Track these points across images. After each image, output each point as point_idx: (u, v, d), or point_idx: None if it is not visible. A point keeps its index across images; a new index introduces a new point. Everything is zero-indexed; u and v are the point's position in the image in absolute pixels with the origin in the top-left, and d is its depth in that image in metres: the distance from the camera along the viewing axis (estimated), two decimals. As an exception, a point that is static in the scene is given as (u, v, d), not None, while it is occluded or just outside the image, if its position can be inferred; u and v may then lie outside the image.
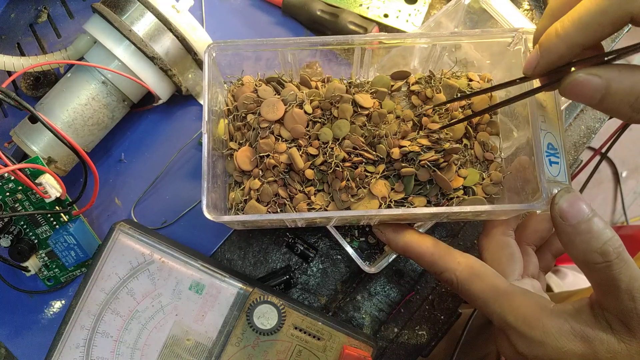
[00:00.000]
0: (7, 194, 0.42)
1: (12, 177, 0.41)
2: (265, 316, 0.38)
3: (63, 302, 0.46)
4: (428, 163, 0.35)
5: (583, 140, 0.48)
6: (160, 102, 0.45)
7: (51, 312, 0.45)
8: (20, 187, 0.42)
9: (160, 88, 0.44)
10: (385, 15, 0.46)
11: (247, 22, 0.49)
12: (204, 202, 0.34)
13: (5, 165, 0.36)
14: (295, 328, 0.39)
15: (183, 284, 0.39)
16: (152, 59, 0.41)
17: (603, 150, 0.45)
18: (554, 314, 0.31)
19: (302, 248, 0.45)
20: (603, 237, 0.29)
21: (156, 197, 0.46)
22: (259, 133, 0.38)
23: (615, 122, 0.38)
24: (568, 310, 0.31)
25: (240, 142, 0.38)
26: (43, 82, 0.46)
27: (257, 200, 0.37)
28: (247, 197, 0.37)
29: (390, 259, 0.42)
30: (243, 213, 0.37)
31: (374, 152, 0.37)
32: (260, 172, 0.37)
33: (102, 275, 0.39)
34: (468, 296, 0.34)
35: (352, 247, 0.42)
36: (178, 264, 0.40)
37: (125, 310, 0.39)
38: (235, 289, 0.40)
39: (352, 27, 0.45)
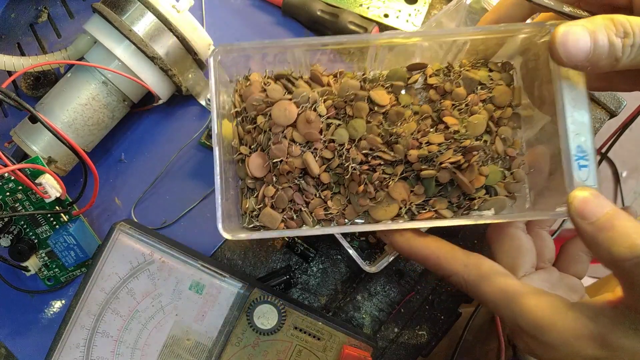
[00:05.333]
0: (7, 194, 0.42)
1: (12, 177, 0.41)
2: (265, 316, 0.38)
3: (63, 302, 0.46)
4: (449, 164, 0.33)
5: (583, 140, 0.48)
6: (160, 102, 0.45)
7: (51, 312, 0.45)
8: (20, 187, 0.42)
9: (160, 88, 0.44)
10: (386, 15, 0.46)
11: (247, 22, 0.49)
12: (219, 219, 0.31)
13: (5, 165, 0.36)
14: (295, 328, 0.39)
15: (183, 283, 0.39)
16: (152, 59, 0.41)
17: (603, 150, 0.45)
18: (570, 316, 0.28)
19: (302, 248, 0.45)
20: (629, 231, 0.26)
21: (156, 197, 0.46)
22: (270, 137, 0.35)
23: (616, 122, 0.38)
24: (586, 312, 0.28)
25: (252, 146, 0.36)
26: (43, 82, 0.46)
27: (272, 206, 0.35)
28: (262, 205, 0.35)
29: (391, 259, 0.41)
30: (258, 220, 0.35)
31: (391, 153, 0.34)
32: (274, 178, 0.35)
33: (102, 275, 0.39)
34: (478, 298, 0.32)
35: (352, 246, 0.42)
36: (178, 264, 0.40)
37: (126, 310, 0.39)
38: (235, 288, 0.40)
39: (352, 27, 0.45)
